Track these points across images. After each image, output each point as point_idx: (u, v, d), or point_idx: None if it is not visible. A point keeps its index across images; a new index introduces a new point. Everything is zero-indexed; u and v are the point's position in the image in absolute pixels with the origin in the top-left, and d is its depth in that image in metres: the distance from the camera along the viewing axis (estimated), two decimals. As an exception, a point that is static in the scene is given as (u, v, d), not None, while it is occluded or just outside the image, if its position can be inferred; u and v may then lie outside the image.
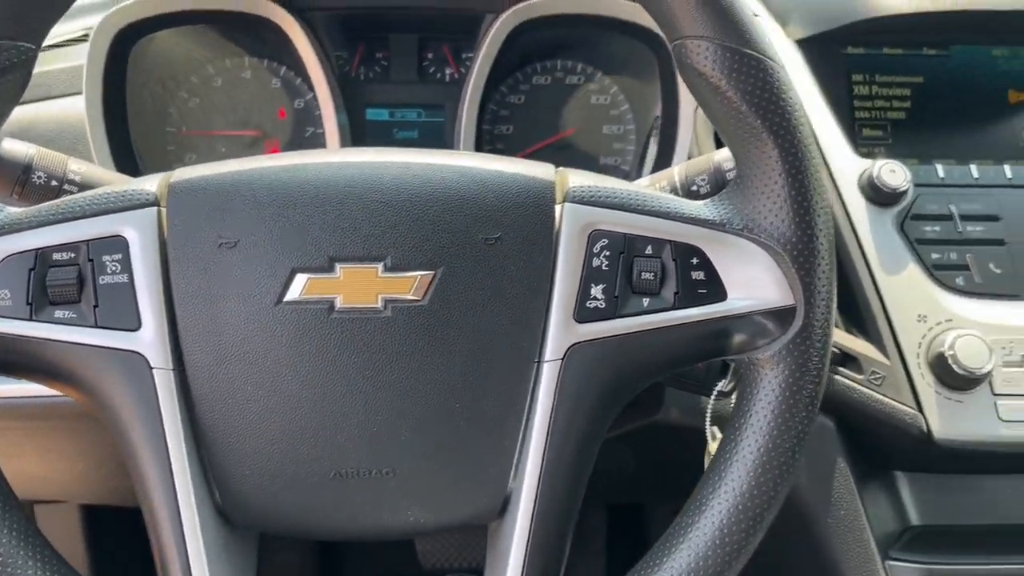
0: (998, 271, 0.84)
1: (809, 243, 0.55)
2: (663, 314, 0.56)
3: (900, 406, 0.80)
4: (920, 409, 0.79)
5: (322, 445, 0.55)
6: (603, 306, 0.56)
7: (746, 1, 0.56)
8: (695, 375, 0.69)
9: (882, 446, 0.84)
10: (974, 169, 0.88)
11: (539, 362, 0.55)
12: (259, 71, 0.96)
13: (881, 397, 0.80)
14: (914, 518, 0.89)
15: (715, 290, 0.56)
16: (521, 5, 0.90)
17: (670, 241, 0.56)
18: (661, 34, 0.86)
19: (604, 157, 0.98)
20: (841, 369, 0.81)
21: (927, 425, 0.79)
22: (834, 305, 0.57)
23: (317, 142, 0.95)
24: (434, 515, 0.56)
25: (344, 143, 0.91)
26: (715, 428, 0.75)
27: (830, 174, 0.86)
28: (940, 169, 0.88)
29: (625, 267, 0.56)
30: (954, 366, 0.77)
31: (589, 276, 0.56)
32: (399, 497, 0.55)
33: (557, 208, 0.56)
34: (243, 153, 0.96)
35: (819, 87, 0.91)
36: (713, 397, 0.67)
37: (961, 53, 0.95)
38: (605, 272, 0.56)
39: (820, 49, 0.93)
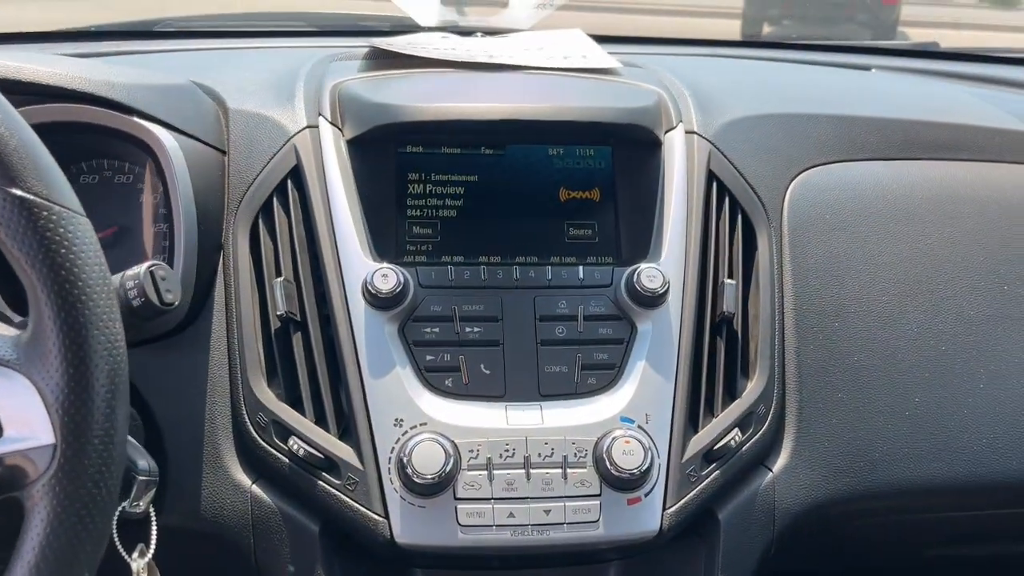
0: (487, 372, 0.85)
1: (75, 384, 0.55)
2: None
3: (367, 512, 0.80)
4: (386, 515, 0.80)
5: None
6: None
7: (34, 143, 0.57)
8: None
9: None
10: (483, 271, 0.90)
11: None
12: None
13: (352, 503, 0.81)
14: (427, 615, 0.90)
15: None
16: (33, 108, 0.90)
17: None
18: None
19: (153, 255, 0.98)
20: (323, 475, 0.82)
21: (391, 530, 0.80)
22: (113, 447, 0.57)
23: None
24: None
25: None
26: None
27: (341, 280, 0.87)
28: (451, 271, 0.89)
29: None
30: (410, 473, 0.78)
31: None
32: None
33: None
34: None
35: (361, 187, 0.92)
36: (116, 516, 0.67)
37: (516, 152, 0.98)
38: None
39: (375, 148, 0.94)
